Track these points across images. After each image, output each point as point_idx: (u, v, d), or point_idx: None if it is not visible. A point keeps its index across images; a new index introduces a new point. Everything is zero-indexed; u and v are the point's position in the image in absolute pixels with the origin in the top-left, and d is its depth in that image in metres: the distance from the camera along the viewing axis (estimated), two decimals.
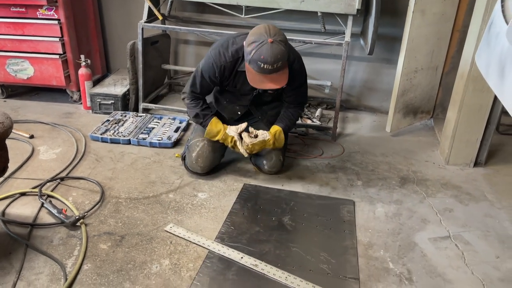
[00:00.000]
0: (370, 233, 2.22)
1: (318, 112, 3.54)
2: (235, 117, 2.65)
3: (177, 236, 2.10)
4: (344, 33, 3.14)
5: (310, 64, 3.71)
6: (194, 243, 2.06)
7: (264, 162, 2.62)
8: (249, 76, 2.25)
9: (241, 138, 2.48)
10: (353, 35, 3.31)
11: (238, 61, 2.36)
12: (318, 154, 3.01)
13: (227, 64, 2.36)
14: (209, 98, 2.64)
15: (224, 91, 2.57)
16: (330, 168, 2.84)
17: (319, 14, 3.13)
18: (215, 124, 2.51)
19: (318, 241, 2.12)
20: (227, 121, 2.62)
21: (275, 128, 2.54)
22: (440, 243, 2.17)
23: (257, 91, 2.48)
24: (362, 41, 3.49)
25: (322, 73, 3.73)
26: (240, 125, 2.51)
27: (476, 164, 2.92)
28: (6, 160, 1.90)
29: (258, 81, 2.23)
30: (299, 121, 3.43)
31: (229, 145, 2.53)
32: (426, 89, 3.34)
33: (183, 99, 2.58)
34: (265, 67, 2.14)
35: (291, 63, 2.37)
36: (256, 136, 2.48)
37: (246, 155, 2.50)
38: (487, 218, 2.39)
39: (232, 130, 2.49)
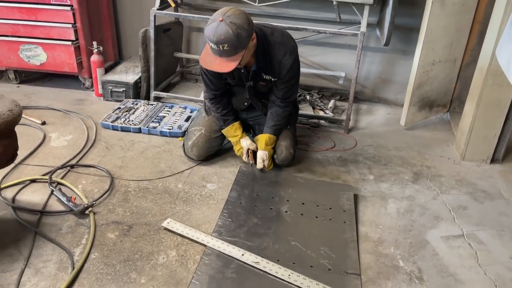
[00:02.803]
0: (381, 229, 2.18)
1: (331, 103, 3.48)
2: (242, 107, 2.63)
3: (174, 232, 2.06)
4: (359, 23, 3.05)
5: (324, 54, 3.66)
6: (192, 239, 2.01)
7: (275, 156, 2.59)
8: (202, 53, 2.19)
9: (247, 152, 2.57)
10: (369, 25, 3.22)
11: None
12: (329, 146, 2.96)
13: None
14: None
15: (229, 84, 2.55)
16: (342, 161, 2.79)
17: (334, 3, 3.05)
18: (234, 129, 2.58)
19: (318, 234, 2.08)
20: (236, 111, 2.66)
21: (264, 137, 2.55)
22: (452, 241, 2.12)
23: (250, 82, 2.44)
24: (378, 32, 3.40)
25: (336, 63, 3.66)
26: (252, 143, 2.59)
27: (493, 160, 2.84)
28: (16, 148, 1.89)
29: (207, 60, 2.16)
30: (311, 113, 3.38)
31: (236, 151, 2.63)
32: (443, 82, 3.25)
33: (205, 99, 2.62)
34: (212, 46, 2.08)
35: (281, 56, 2.32)
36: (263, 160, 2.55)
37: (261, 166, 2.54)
38: (502, 217, 2.32)
39: (245, 143, 2.57)
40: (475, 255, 2.04)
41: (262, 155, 2.52)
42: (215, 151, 2.70)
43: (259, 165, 2.51)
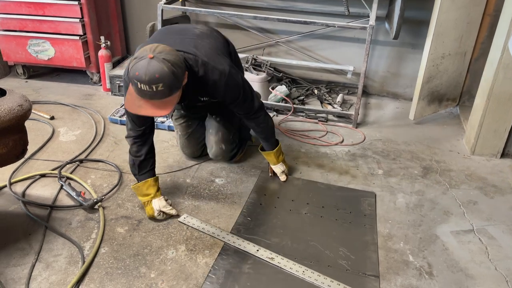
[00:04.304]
0: (390, 224, 2.17)
1: (339, 97, 3.46)
2: (196, 115, 2.60)
3: (192, 227, 2.08)
4: (368, 16, 3.03)
5: (332, 48, 3.64)
6: (208, 234, 2.03)
7: (208, 151, 2.56)
8: (127, 98, 1.83)
9: (161, 212, 2.12)
10: (378, 18, 3.19)
11: None
12: (338, 141, 2.95)
13: None
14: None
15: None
16: (350, 156, 2.78)
17: None
18: (147, 187, 2.12)
19: (337, 235, 2.07)
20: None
21: (272, 155, 2.40)
22: (463, 236, 2.11)
23: (182, 104, 2.38)
24: (387, 25, 3.37)
25: (344, 57, 3.63)
26: (166, 206, 2.13)
27: (503, 155, 2.82)
28: (25, 142, 1.90)
29: (135, 105, 1.80)
30: (319, 107, 3.37)
31: (146, 211, 2.12)
32: (453, 76, 3.22)
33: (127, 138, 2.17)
34: (142, 87, 1.71)
35: (210, 86, 2.03)
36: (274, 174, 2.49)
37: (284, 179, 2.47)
38: None
39: (157, 205, 2.11)
40: (486, 250, 2.02)
41: (279, 168, 2.44)
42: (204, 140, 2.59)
43: (282, 177, 2.45)
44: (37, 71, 3.82)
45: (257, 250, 1.93)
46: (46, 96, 3.41)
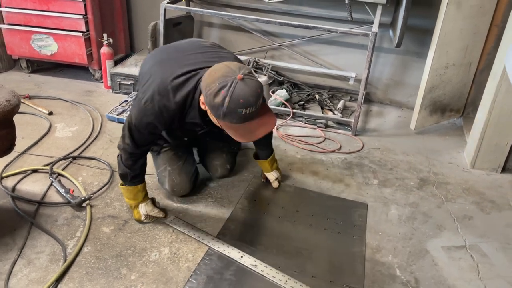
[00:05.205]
0: (380, 236, 2.12)
1: (340, 104, 3.42)
2: (183, 142, 2.34)
3: (177, 230, 2.06)
4: (372, 23, 2.98)
5: (335, 54, 3.60)
6: (194, 238, 2.01)
7: (211, 173, 2.47)
8: (231, 133, 1.72)
9: (149, 216, 2.08)
10: (382, 25, 3.15)
11: (185, 108, 1.87)
12: (335, 148, 2.90)
13: (174, 116, 1.85)
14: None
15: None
16: (346, 164, 2.73)
17: (346, 1, 2.98)
18: (136, 192, 2.03)
19: (325, 245, 2.03)
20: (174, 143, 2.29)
21: (266, 163, 2.36)
22: (454, 252, 2.05)
23: (206, 128, 2.05)
24: (391, 32, 3.31)
25: (348, 63, 3.58)
26: (153, 209, 2.09)
27: (504, 169, 2.75)
28: (13, 137, 1.90)
29: (246, 133, 1.73)
30: (319, 113, 3.33)
31: (133, 214, 2.10)
32: (457, 87, 3.15)
33: (119, 152, 1.98)
34: (248, 111, 1.65)
35: None
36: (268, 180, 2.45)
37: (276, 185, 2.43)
38: (509, 228, 2.24)
39: (144, 211, 2.06)
40: (477, 267, 1.97)
41: (272, 175, 2.39)
42: (196, 172, 2.36)
43: (275, 184, 2.41)
44: (41, 66, 3.84)
45: (241, 257, 1.90)
46: (47, 91, 3.42)
